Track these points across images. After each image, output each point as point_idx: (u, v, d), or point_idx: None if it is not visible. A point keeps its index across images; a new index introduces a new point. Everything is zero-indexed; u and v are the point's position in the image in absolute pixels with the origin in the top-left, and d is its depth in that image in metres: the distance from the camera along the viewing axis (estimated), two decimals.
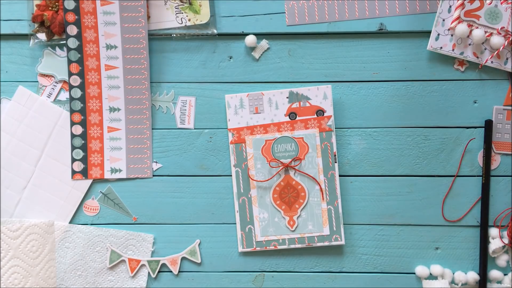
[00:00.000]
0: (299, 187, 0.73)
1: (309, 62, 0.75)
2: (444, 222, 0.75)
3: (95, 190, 0.76)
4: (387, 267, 0.76)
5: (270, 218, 0.74)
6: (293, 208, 0.74)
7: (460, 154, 0.75)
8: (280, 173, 0.73)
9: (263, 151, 0.73)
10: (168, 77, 0.75)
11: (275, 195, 0.74)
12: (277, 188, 0.73)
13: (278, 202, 0.74)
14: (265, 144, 0.73)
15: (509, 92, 0.74)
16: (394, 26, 0.73)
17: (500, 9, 0.72)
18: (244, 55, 0.75)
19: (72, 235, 0.75)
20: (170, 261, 0.75)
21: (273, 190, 0.73)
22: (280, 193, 0.73)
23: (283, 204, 0.74)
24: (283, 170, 0.73)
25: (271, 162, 0.73)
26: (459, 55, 0.73)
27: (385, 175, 0.76)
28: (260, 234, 0.74)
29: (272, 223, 0.74)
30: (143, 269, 0.76)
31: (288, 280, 0.76)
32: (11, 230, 0.73)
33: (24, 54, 0.75)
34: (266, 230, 0.74)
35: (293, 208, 0.74)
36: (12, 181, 0.75)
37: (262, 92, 0.74)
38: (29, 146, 0.75)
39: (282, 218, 0.74)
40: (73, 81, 0.74)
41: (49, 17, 0.72)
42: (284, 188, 0.73)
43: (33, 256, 0.74)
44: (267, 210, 0.74)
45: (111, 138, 0.75)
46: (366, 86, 0.75)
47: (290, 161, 0.73)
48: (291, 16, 0.74)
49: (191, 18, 0.73)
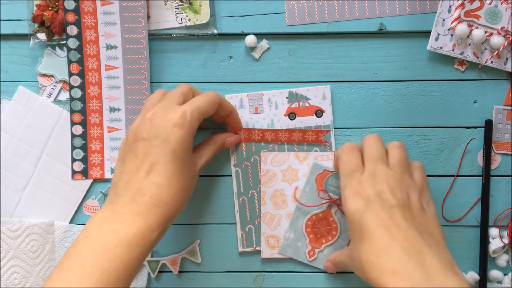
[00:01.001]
0: (334, 225, 0.73)
1: (309, 62, 0.75)
2: (444, 222, 0.75)
3: (95, 190, 0.76)
4: None
5: (294, 241, 0.74)
6: (319, 241, 0.74)
7: (460, 154, 0.75)
8: (323, 205, 0.74)
9: (317, 179, 0.73)
10: (168, 77, 0.75)
11: (309, 222, 0.74)
12: (314, 217, 0.74)
13: (309, 230, 0.74)
14: (322, 172, 0.73)
15: (509, 92, 0.74)
16: (394, 26, 0.73)
17: (500, 9, 0.72)
18: (244, 55, 0.75)
19: (72, 235, 0.75)
20: (170, 261, 0.75)
21: (309, 217, 0.74)
22: (315, 222, 0.74)
23: (312, 233, 0.74)
24: (327, 204, 0.73)
25: (321, 192, 0.73)
26: (459, 55, 0.73)
27: None
28: (279, 250, 0.74)
29: (294, 245, 0.74)
30: (143, 269, 0.76)
31: (288, 280, 0.76)
32: (11, 230, 0.73)
33: (24, 54, 0.75)
34: (285, 250, 0.74)
35: (319, 241, 0.74)
36: (12, 181, 0.75)
37: (262, 92, 0.74)
38: (29, 146, 0.75)
39: (305, 246, 0.74)
40: (73, 81, 0.74)
41: (49, 17, 0.72)
42: (320, 220, 0.74)
43: (33, 256, 0.74)
44: (295, 232, 0.74)
45: (111, 138, 0.75)
46: (366, 86, 0.75)
47: (338, 198, 0.73)
48: (291, 16, 0.74)
49: (191, 18, 0.73)
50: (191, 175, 0.65)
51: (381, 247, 0.56)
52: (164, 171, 0.60)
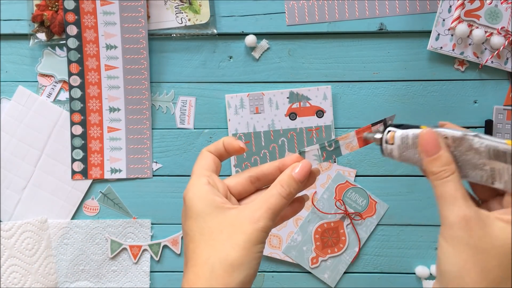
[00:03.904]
0: (342, 237, 0.74)
1: (309, 62, 0.75)
2: None
3: (95, 190, 0.76)
4: (387, 267, 0.76)
5: (300, 244, 0.74)
6: (324, 251, 0.74)
7: None
8: (337, 215, 0.74)
9: (337, 188, 0.74)
10: (168, 77, 0.75)
11: (319, 229, 0.74)
12: (325, 225, 0.74)
13: (317, 236, 0.74)
14: (343, 183, 0.74)
15: (509, 92, 0.74)
16: (394, 26, 0.73)
17: (500, 9, 0.72)
18: (244, 55, 0.75)
19: (70, 231, 0.76)
20: (171, 241, 0.76)
21: (321, 223, 0.74)
22: (324, 230, 0.74)
23: (319, 240, 0.74)
24: (341, 215, 0.73)
25: (338, 202, 0.73)
26: (459, 55, 0.73)
27: (385, 175, 0.76)
28: (283, 250, 0.74)
29: (300, 249, 0.74)
30: (145, 254, 0.76)
31: (288, 280, 0.76)
32: (4, 230, 0.73)
33: (24, 54, 0.75)
34: (289, 251, 0.74)
35: (325, 250, 0.74)
36: (12, 181, 0.75)
37: (263, 92, 0.74)
38: (29, 146, 0.75)
39: (310, 251, 0.74)
40: (73, 81, 0.74)
41: (49, 17, 0.72)
42: (331, 229, 0.74)
43: (29, 254, 0.74)
44: (304, 235, 0.74)
45: (111, 138, 0.75)
46: (366, 86, 0.75)
47: (353, 212, 0.73)
48: (291, 16, 0.74)
49: (191, 18, 0.73)
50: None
51: None
52: None
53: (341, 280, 0.76)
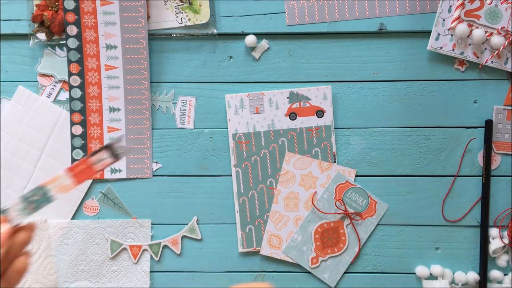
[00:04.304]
0: (342, 237, 0.74)
1: (309, 62, 0.75)
2: (444, 222, 0.75)
3: (95, 190, 0.76)
4: (387, 267, 0.76)
5: (300, 244, 0.74)
6: (324, 251, 0.74)
7: (460, 154, 0.75)
8: (337, 215, 0.73)
9: (337, 188, 0.74)
10: (168, 77, 0.75)
11: (319, 229, 0.74)
12: (325, 225, 0.74)
13: (317, 236, 0.74)
14: (343, 183, 0.74)
15: (509, 92, 0.74)
16: (394, 26, 0.73)
17: (500, 9, 0.72)
18: (244, 55, 0.75)
19: (70, 231, 0.76)
20: (171, 241, 0.76)
21: (321, 223, 0.74)
22: (324, 230, 0.74)
23: (319, 240, 0.74)
24: (341, 215, 0.73)
25: (338, 202, 0.73)
26: (459, 55, 0.73)
27: (385, 175, 0.76)
28: (283, 250, 0.74)
29: (300, 249, 0.74)
30: (145, 254, 0.76)
31: (288, 280, 0.76)
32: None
33: (24, 54, 0.75)
34: (289, 251, 0.74)
35: (325, 250, 0.74)
36: (12, 181, 0.75)
37: (263, 92, 0.74)
38: (29, 146, 0.75)
39: (310, 252, 0.74)
40: (73, 81, 0.74)
41: (49, 17, 0.72)
42: (331, 229, 0.74)
43: None
44: (304, 235, 0.74)
45: (111, 138, 0.75)
46: (366, 86, 0.75)
47: (353, 212, 0.73)
48: (291, 16, 0.74)
49: (191, 18, 0.73)
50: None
51: None
52: None
53: (341, 280, 0.76)
